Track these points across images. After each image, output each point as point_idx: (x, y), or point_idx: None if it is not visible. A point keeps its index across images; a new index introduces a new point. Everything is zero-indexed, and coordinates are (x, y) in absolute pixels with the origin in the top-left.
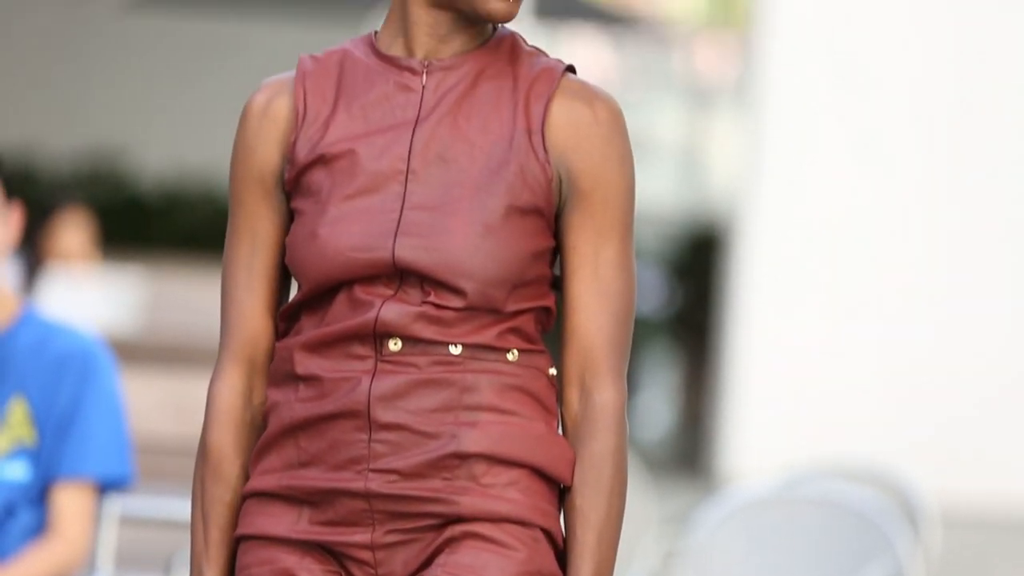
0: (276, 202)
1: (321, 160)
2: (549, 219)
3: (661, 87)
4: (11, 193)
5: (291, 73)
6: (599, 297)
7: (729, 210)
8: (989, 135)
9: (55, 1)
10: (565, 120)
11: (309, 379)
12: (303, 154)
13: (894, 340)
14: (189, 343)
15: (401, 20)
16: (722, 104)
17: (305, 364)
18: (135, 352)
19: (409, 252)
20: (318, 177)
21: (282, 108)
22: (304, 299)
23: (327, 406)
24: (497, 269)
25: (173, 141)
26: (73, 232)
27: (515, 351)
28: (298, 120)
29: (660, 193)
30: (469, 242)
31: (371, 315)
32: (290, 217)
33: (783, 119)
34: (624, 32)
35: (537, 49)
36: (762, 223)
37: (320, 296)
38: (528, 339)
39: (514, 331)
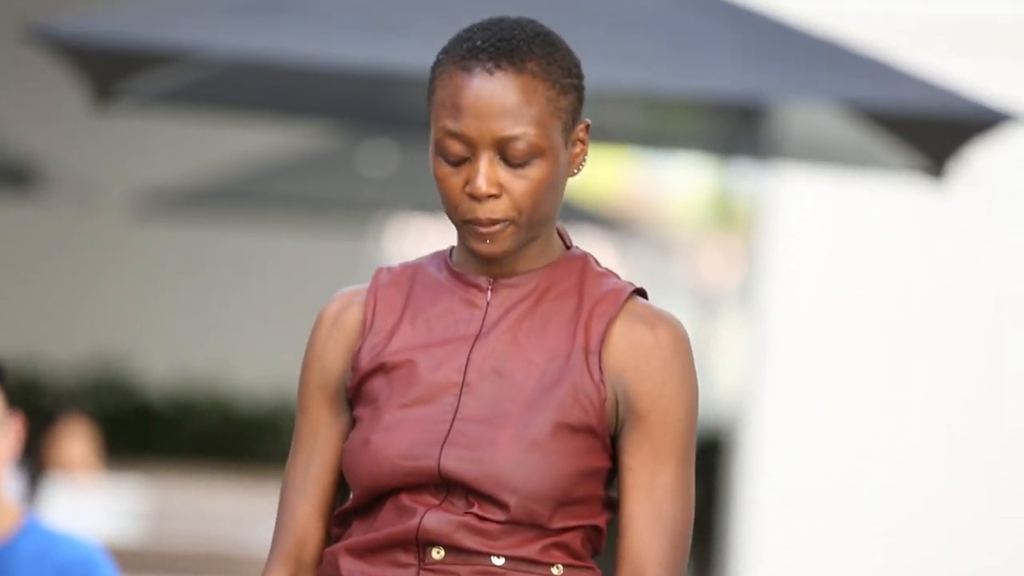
0: (339, 409)
1: (382, 368)
2: (604, 439)
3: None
4: (13, 402)
5: (366, 284)
6: (653, 520)
7: (734, 413)
8: (1007, 344)
9: (59, 208)
10: (624, 342)
11: None
12: (365, 362)
13: (909, 542)
14: (193, 552)
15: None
16: (726, 308)
17: (350, 569)
18: (139, 561)
19: (454, 463)
20: (377, 385)
21: (352, 318)
22: (355, 505)
23: None
24: (541, 484)
25: (179, 350)
26: (76, 441)
27: (560, 566)
28: (365, 329)
29: None
30: (513, 456)
31: (414, 523)
32: (352, 425)
33: (787, 323)
34: (627, 238)
35: (608, 270)
36: (767, 426)
37: (370, 503)
38: (575, 555)
39: (559, 546)
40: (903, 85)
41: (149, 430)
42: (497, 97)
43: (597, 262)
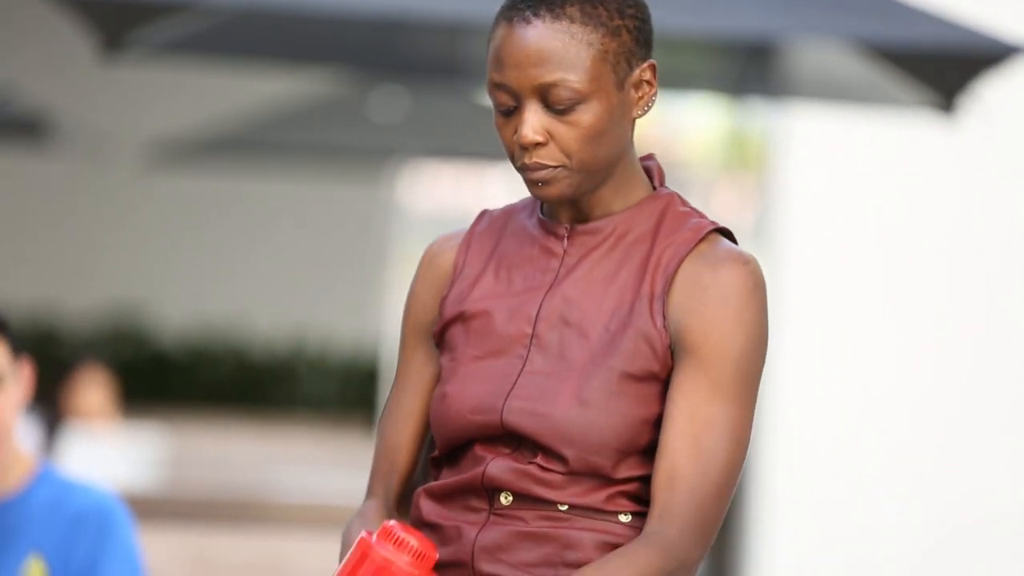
0: (430, 350)
1: (461, 317)
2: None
3: None
4: (30, 351)
5: (467, 227)
6: (692, 449)
7: None
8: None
9: (72, 160)
10: (687, 282)
11: (431, 526)
12: (448, 309)
13: (923, 490)
14: (210, 499)
15: None
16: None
17: (428, 511)
18: (156, 509)
19: (515, 416)
20: (457, 333)
21: (445, 262)
22: (441, 453)
23: (442, 554)
24: (601, 437)
25: (194, 297)
26: (93, 389)
27: (628, 514)
28: (455, 275)
29: None
30: (572, 410)
31: (479, 470)
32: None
33: (802, 259)
34: None
35: (693, 210)
36: (783, 364)
37: (452, 451)
38: (643, 503)
39: (626, 495)
40: (912, 21)
41: (166, 378)
42: (533, 44)
43: (683, 201)
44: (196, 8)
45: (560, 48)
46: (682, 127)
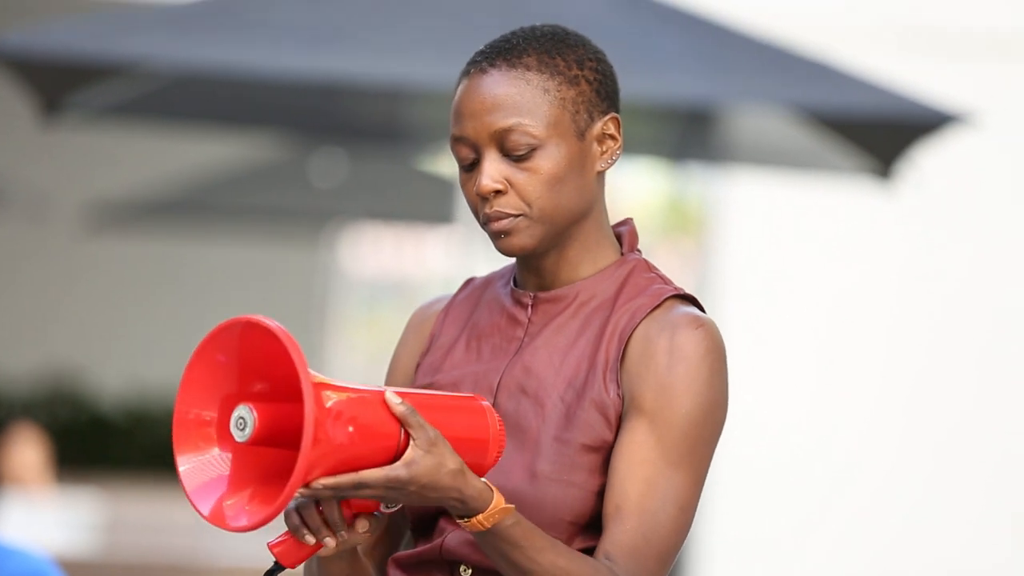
0: None
1: (431, 387)
2: None
3: None
4: None
5: (451, 293)
6: (636, 511)
7: None
8: (950, 339)
9: (12, 223)
10: (640, 348)
11: None
12: (420, 378)
13: (858, 547)
14: (147, 564)
15: (520, 257)
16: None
17: None
18: (92, 574)
19: None
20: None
21: (427, 327)
22: (411, 524)
23: None
24: (554, 509)
25: (133, 361)
26: (28, 452)
27: None
28: (430, 343)
29: None
30: (523, 482)
31: (438, 542)
32: None
33: (740, 323)
34: None
35: (658, 275)
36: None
37: (422, 518)
38: None
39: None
40: (849, 88)
41: (104, 442)
42: (489, 92)
43: (650, 267)
44: (136, 71)
45: (516, 93)
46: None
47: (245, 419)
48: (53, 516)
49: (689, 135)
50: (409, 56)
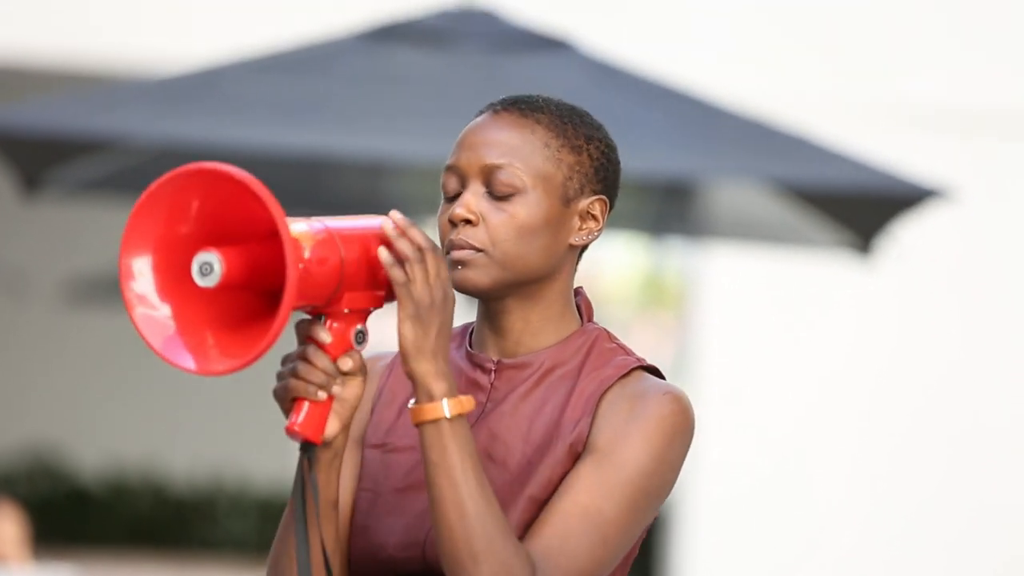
0: (358, 457)
1: (383, 448)
2: None
3: None
4: None
5: (394, 351)
6: (559, 530)
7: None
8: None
9: None
10: (607, 411)
11: None
12: (371, 437)
13: None
14: None
15: (482, 315)
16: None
17: None
18: None
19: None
20: (374, 462)
21: (374, 377)
22: None
23: None
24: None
25: (113, 434)
26: (6, 527)
27: None
28: (376, 398)
29: None
30: None
31: None
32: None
33: (720, 398)
34: None
35: (621, 346)
36: (703, 502)
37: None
38: None
39: None
40: (828, 163)
41: (84, 516)
42: (493, 131)
43: (611, 337)
44: (115, 146)
45: (517, 138)
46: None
47: (211, 264)
48: None
49: (668, 209)
50: (390, 131)
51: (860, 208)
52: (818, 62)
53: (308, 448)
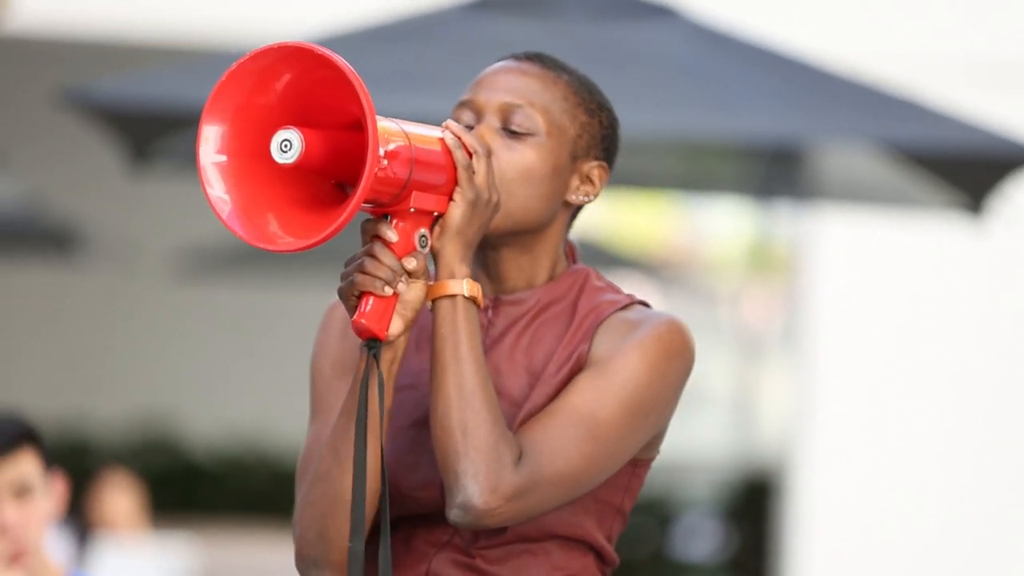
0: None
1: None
2: None
3: (708, 337)
4: (60, 463)
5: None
6: (548, 426)
7: (781, 455)
8: None
9: (101, 272)
10: (604, 334)
11: None
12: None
13: None
14: None
15: (477, 262)
16: (770, 350)
17: None
18: None
19: None
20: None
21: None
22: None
23: None
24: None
25: (224, 406)
26: (121, 499)
27: None
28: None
29: (712, 441)
30: None
31: (422, 568)
32: None
33: (831, 364)
34: (669, 284)
35: (609, 284)
36: (815, 467)
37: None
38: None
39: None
40: (938, 124)
41: (196, 488)
42: (515, 76)
43: (599, 276)
44: None
45: (539, 86)
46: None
47: (291, 141)
48: (147, 562)
49: (776, 173)
50: None
51: (971, 169)
52: (927, 23)
53: (373, 344)
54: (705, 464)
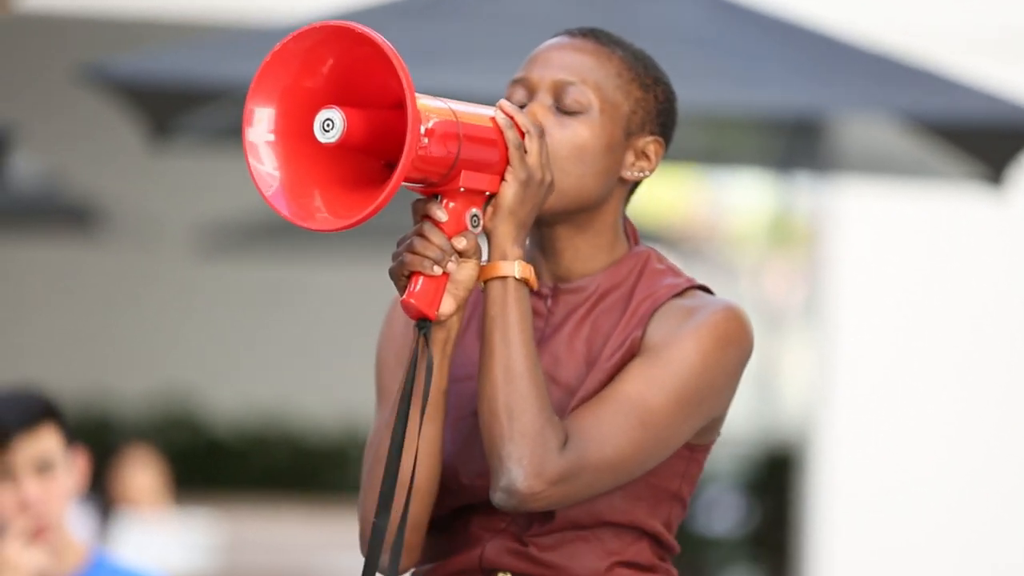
0: None
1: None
2: None
3: None
4: (83, 439)
5: None
6: (597, 412)
7: (803, 429)
8: None
9: (122, 248)
10: (661, 318)
11: None
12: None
13: (981, 560)
14: None
15: (535, 245)
16: (792, 325)
17: None
18: None
19: None
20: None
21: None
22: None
23: None
24: (591, 498)
25: (246, 383)
26: (143, 475)
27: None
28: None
29: (733, 414)
30: None
31: (475, 552)
32: None
33: (854, 337)
34: (691, 257)
35: (670, 267)
36: (837, 440)
37: (441, 519)
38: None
39: (624, 564)
40: (958, 95)
41: (218, 464)
42: (568, 52)
43: (660, 258)
44: (243, 95)
45: (593, 62)
46: (729, 205)
47: (333, 120)
48: (170, 537)
49: (796, 145)
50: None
51: (991, 139)
52: None
53: (423, 324)
54: (727, 438)
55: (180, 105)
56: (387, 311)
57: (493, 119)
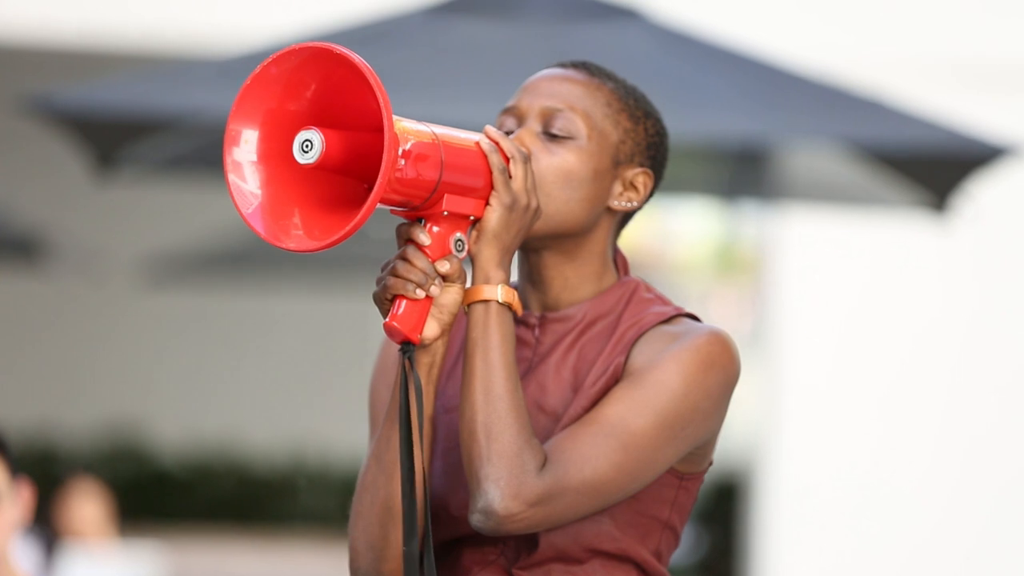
0: None
1: (435, 411)
2: None
3: None
4: (26, 471)
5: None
6: (578, 435)
7: (750, 457)
8: (1007, 372)
9: (67, 279)
10: (644, 345)
11: None
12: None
13: None
14: None
15: (524, 274)
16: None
17: None
18: None
19: None
20: (433, 425)
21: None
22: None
23: None
24: (579, 526)
25: (192, 413)
26: (88, 507)
27: None
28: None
29: None
30: None
31: None
32: None
33: (800, 364)
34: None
35: (658, 296)
36: (784, 468)
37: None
38: None
39: None
40: (902, 123)
41: (164, 495)
42: (558, 82)
43: (648, 288)
44: (189, 124)
45: (582, 91)
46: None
47: (312, 142)
48: (116, 569)
49: (741, 174)
50: (456, 100)
51: (935, 168)
52: (888, 22)
53: (407, 348)
54: None
55: (125, 136)
56: (381, 344)
57: (477, 144)
